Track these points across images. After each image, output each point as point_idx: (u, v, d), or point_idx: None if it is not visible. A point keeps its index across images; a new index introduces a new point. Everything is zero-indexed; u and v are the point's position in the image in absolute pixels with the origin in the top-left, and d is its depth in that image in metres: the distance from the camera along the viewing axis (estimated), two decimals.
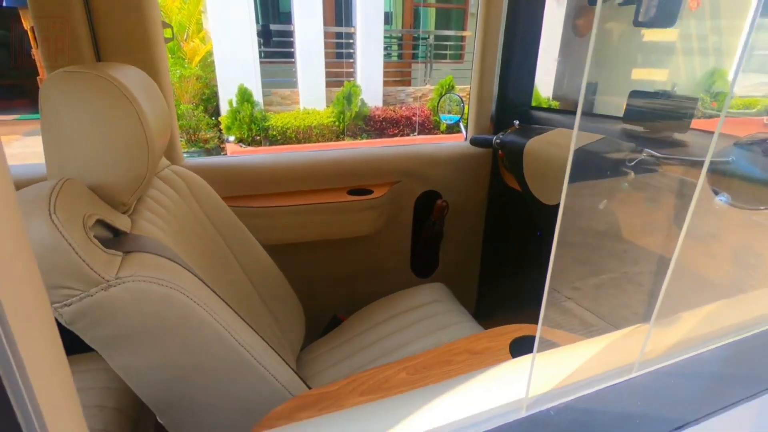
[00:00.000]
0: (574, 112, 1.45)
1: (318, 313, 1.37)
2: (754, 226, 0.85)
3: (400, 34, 8.56)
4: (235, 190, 1.29)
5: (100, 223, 0.58)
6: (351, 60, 7.17)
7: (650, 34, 8.64)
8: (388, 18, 8.84)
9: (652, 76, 8.46)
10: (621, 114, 1.10)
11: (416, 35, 8.63)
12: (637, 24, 0.92)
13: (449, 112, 1.78)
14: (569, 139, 1.10)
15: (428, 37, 8.38)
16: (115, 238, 0.60)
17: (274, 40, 6.69)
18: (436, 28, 9.25)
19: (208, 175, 1.10)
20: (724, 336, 0.49)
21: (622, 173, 0.92)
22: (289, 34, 6.71)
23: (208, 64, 7.03)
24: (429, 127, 7.28)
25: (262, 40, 5.88)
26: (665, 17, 0.89)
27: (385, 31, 7.61)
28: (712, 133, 0.99)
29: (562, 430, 0.38)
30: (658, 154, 0.91)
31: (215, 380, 0.63)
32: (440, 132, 6.88)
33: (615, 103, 1.44)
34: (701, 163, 0.88)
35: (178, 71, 6.64)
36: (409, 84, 8.31)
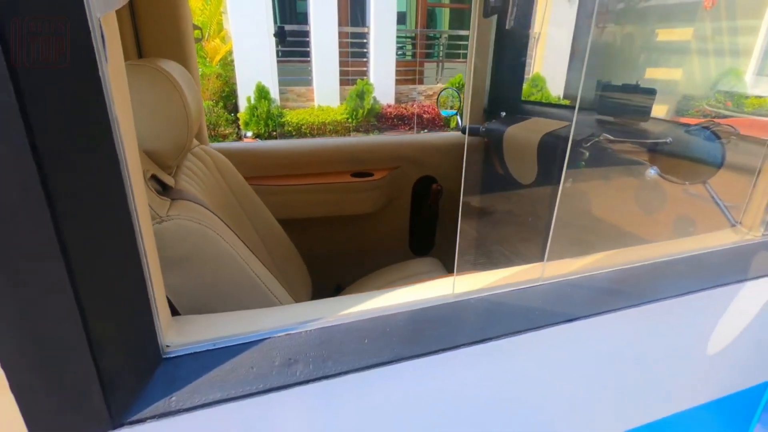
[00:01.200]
0: (557, 105, 1.59)
1: (323, 282, 1.54)
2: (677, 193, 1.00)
3: (413, 34, 8.70)
4: (253, 171, 1.47)
5: (154, 177, 0.75)
6: (364, 59, 7.34)
7: (665, 34, 8.58)
8: (402, 18, 8.99)
9: (666, 76, 8.41)
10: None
11: (429, 35, 8.76)
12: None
13: (451, 108, 1.94)
14: (541, 126, 1.25)
15: (440, 37, 8.51)
16: (164, 190, 0.77)
17: (291, 39, 6.90)
18: (450, 28, 9.37)
19: (229, 156, 1.28)
20: (615, 265, 0.64)
21: (580, 153, 1.06)
22: (305, 34, 6.92)
23: (227, 62, 7.28)
24: (440, 124, 7.41)
25: (278, 41, 6.09)
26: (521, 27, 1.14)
27: (399, 30, 7.76)
28: (665, 120, 1.13)
29: (479, 313, 0.54)
30: (611, 137, 1.06)
31: (234, 300, 0.80)
32: (449, 129, 7.01)
33: (625, 101, 1.57)
34: (643, 144, 1.02)
35: (199, 69, 6.91)
36: (421, 82, 8.44)
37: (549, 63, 7.23)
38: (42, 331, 0.34)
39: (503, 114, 1.53)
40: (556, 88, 7.29)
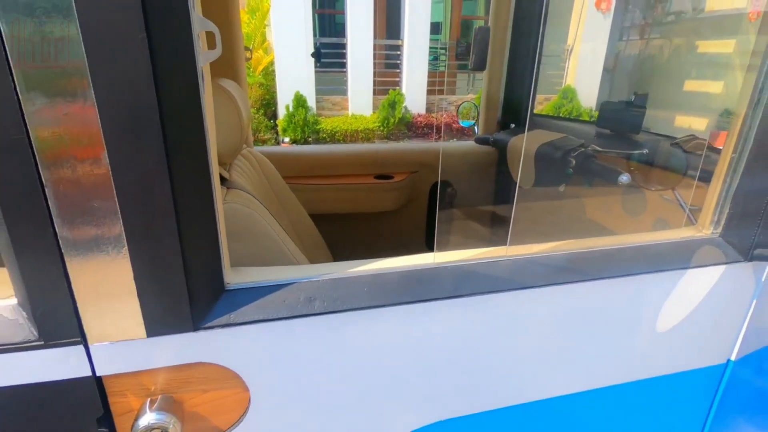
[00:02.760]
0: (564, 118, 1.72)
1: None
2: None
3: (446, 45, 8.87)
4: (290, 171, 1.69)
5: None
6: (398, 70, 7.57)
7: (706, 47, 8.34)
8: (437, 28, 9.19)
9: (705, 89, 8.16)
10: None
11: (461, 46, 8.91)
12: (470, 69, 1.33)
13: (472, 118, 2.10)
14: (541, 137, 1.39)
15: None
16: (222, 181, 0.98)
17: (329, 51, 7.23)
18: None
19: (270, 158, 1.49)
20: (572, 249, 0.79)
21: (568, 161, 1.20)
22: (343, 46, 7.23)
23: (269, 72, 7.70)
24: (469, 133, 7.52)
25: (315, 60, 6.44)
26: (480, 65, 1.33)
27: (433, 41, 7.94)
28: (654, 134, 1.25)
29: (454, 276, 0.71)
30: (599, 148, 1.19)
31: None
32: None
33: (662, 117, 1.68)
34: (623, 154, 1.15)
35: (246, 78, 7.35)
36: (453, 93, 8.59)
37: (581, 75, 7.21)
38: (160, 263, 0.54)
39: (512, 126, 1.68)
40: (587, 101, 7.25)
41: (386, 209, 1.75)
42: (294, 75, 6.88)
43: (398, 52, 7.48)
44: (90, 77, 0.44)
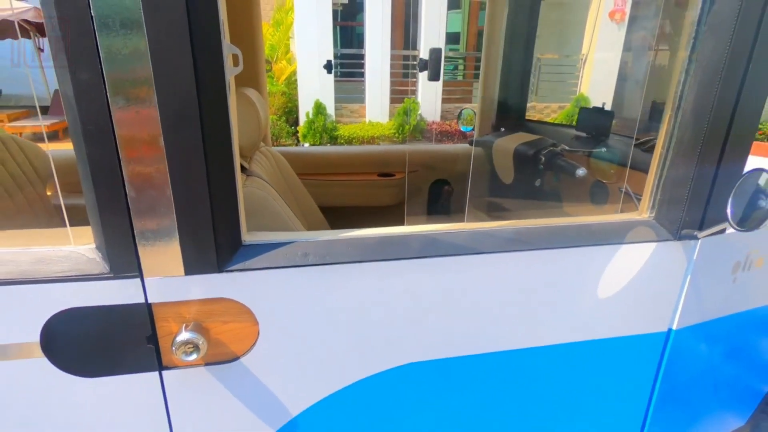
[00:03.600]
0: (551, 123, 1.88)
1: None
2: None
3: (463, 56, 9.05)
4: (302, 168, 1.89)
5: None
6: (414, 79, 7.79)
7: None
8: (456, 38, 9.38)
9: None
10: None
11: (479, 56, 9.07)
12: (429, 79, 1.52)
13: (471, 124, 2.27)
14: (521, 138, 1.56)
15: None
16: (243, 170, 1.19)
17: (347, 62, 7.51)
18: None
19: (285, 156, 1.71)
20: (521, 225, 0.95)
21: (539, 159, 1.36)
22: (361, 57, 7.50)
23: (292, 82, 8.04)
24: (470, 137, 7.65)
25: (327, 71, 6.74)
26: (435, 77, 1.41)
27: (451, 52, 8.13)
28: (621, 135, 1.40)
29: (421, 242, 0.88)
30: (566, 147, 1.35)
31: None
32: None
33: (594, 120, 1.84)
34: (586, 152, 1.30)
35: (267, 87, 7.71)
36: (470, 101, 8.74)
37: (595, 84, 7.26)
38: (197, 220, 0.74)
39: (503, 129, 1.85)
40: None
41: (387, 204, 1.94)
42: (315, 84, 7.18)
43: (415, 62, 7.71)
44: (155, 86, 0.65)
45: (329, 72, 6.88)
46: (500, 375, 1.02)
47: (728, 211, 0.89)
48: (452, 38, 9.21)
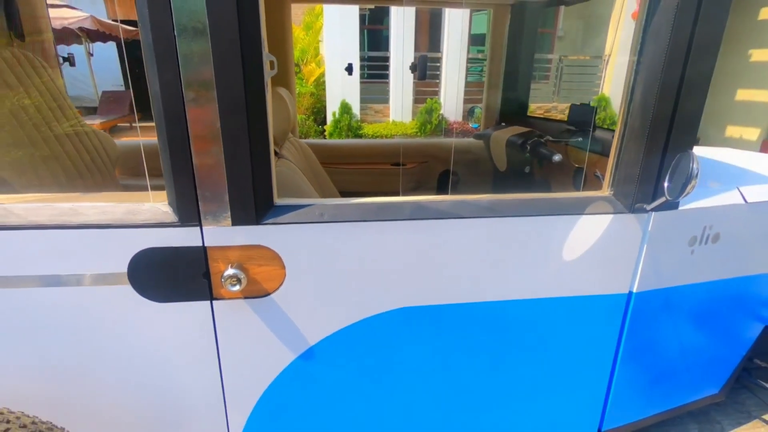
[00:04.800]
0: (549, 119, 2.06)
1: None
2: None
3: (485, 57, 9.14)
4: (325, 158, 2.14)
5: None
6: (437, 80, 7.97)
7: (759, 55, 8.01)
8: (482, 40, 9.48)
9: (758, 98, 7.83)
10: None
11: None
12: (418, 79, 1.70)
13: (478, 121, 2.47)
14: (514, 131, 1.75)
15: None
16: (275, 154, 1.44)
17: (373, 64, 7.77)
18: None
19: (311, 147, 1.96)
20: (497, 198, 1.16)
21: (525, 147, 1.54)
22: (386, 59, 7.75)
23: (320, 83, 8.37)
24: None
25: (347, 73, 7.03)
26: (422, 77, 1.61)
27: (478, 54, 8.26)
28: (603, 129, 1.58)
29: (412, 208, 1.10)
30: (551, 138, 1.53)
31: None
32: None
33: (580, 116, 2.01)
34: (566, 142, 1.48)
35: (297, 89, 8.06)
36: None
37: (617, 84, 7.22)
38: (241, 186, 0.99)
39: (503, 124, 2.04)
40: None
41: (399, 190, 2.16)
42: (342, 85, 7.48)
43: (438, 64, 7.89)
44: (215, 84, 0.90)
45: (350, 74, 7.16)
46: (477, 324, 1.23)
47: (665, 185, 1.07)
48: (478, 40, 9.31)
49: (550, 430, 1.43)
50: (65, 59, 1.90)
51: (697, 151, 1.86)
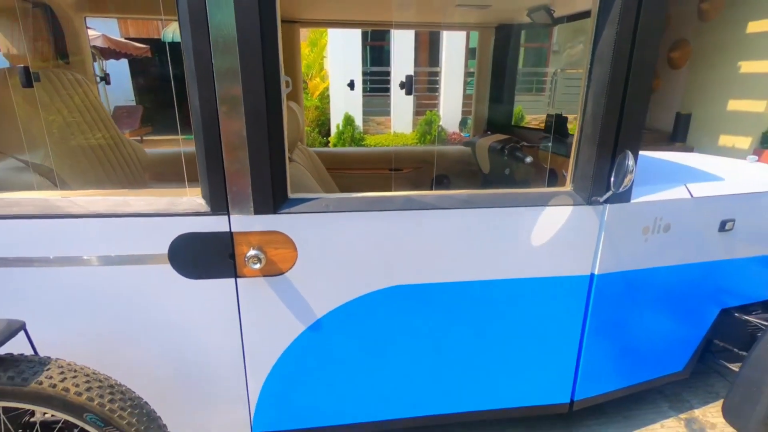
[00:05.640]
0: (530, 128, 2.28)
1: None
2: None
3: None
4: (330, 163, 2.37)
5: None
6: (436, 93, 8.26)
7: (747, 66, 8.24)
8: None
9: (748, 108, 8.05)
10: None
11: None
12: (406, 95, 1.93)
13: (468, 130, 2.70)
14: (495, 138, 1.97)
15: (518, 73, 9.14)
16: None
17: (375, 79, 8.08)
18: (524, 65, 9.94)
19: (318, 154, 2.18)
20: (475, 192, 1.37)
21: (503, 152, 1.75)
22: (387, 74, 8.05)
23: (325, 97, 8.67)
24: None
25: (349, 88, 7.35)
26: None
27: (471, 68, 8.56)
28: (571, 134, 1.79)
29: (402, 201, 1.32)
30: (527, 144, 1.74)
31: None
32: None
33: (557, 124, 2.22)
34: (536, 146, 1.70)
35: (303, 101, 8.36)
36: None
37: None
38: (263, 182, 1.21)
39: (488, 133, 2.26)
40: None
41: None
42: (345, 99, 7.77)
43: (437, 78, 8.19)
44: (242, 98, 1.13)
45: (351, 89, 7.47)
46: (460, 300, 1.43)
47: (611, 179, 1.28)
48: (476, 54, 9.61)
49: (527, 397, 1.61)
50: (102, 78, 2.14)
51: (678, 156, 2.08)
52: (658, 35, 1.23)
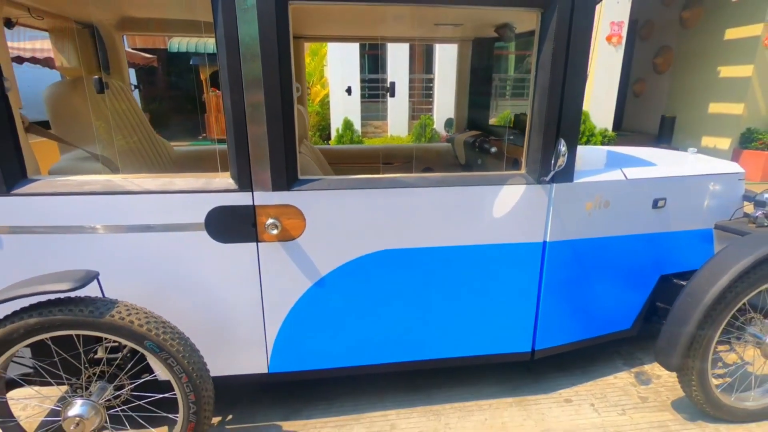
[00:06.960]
0: (501, 126, 2.61)
1: None
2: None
3: None
4: (332, 159, 2.70)
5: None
6: (430, 99, 8.62)
7: (727, 71, 8.62)
8: None
9: (728, 110, 8.41)
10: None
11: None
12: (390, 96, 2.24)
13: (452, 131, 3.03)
14: (469, 134, 2.30)
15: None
16: None
17: (373, 85, 8.44)
18: (515, 71, 10.34)
19: (321, 151, 2.51)
20: (447, 175, 1.69)
21: (474, 145, 2.08)
22: (384, 81, 8.41)
23: (325, 103, 9.03)
24: None
25: (347, 94, 7.71)
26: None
27: None
28: None
29: (389, 181, 1.64)
30: (494, 138, 2.07)
31: None
32: None
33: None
34: (499, 139, 2.03)
35: (307, 105, 8.71)
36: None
37: (596, 99, 7.82)
38: (280, 166, 1.54)
39: (466, 130, 2.59)
40: (601, 122, 7.82)
41: None
42: (344, 104, 8.13)
43: (431, 84, 8.56)
44: (264, 102, 1.46)
45: (349, 94, 7.84)
46: (435, 262, 1.75)
47: (552, 162, 1.61)
48: None
49: (496, 346, 1.93)
50: (136, 86, 2.47)
51: (631, 150, 2.42)
52: (586, 48, 1.57)
